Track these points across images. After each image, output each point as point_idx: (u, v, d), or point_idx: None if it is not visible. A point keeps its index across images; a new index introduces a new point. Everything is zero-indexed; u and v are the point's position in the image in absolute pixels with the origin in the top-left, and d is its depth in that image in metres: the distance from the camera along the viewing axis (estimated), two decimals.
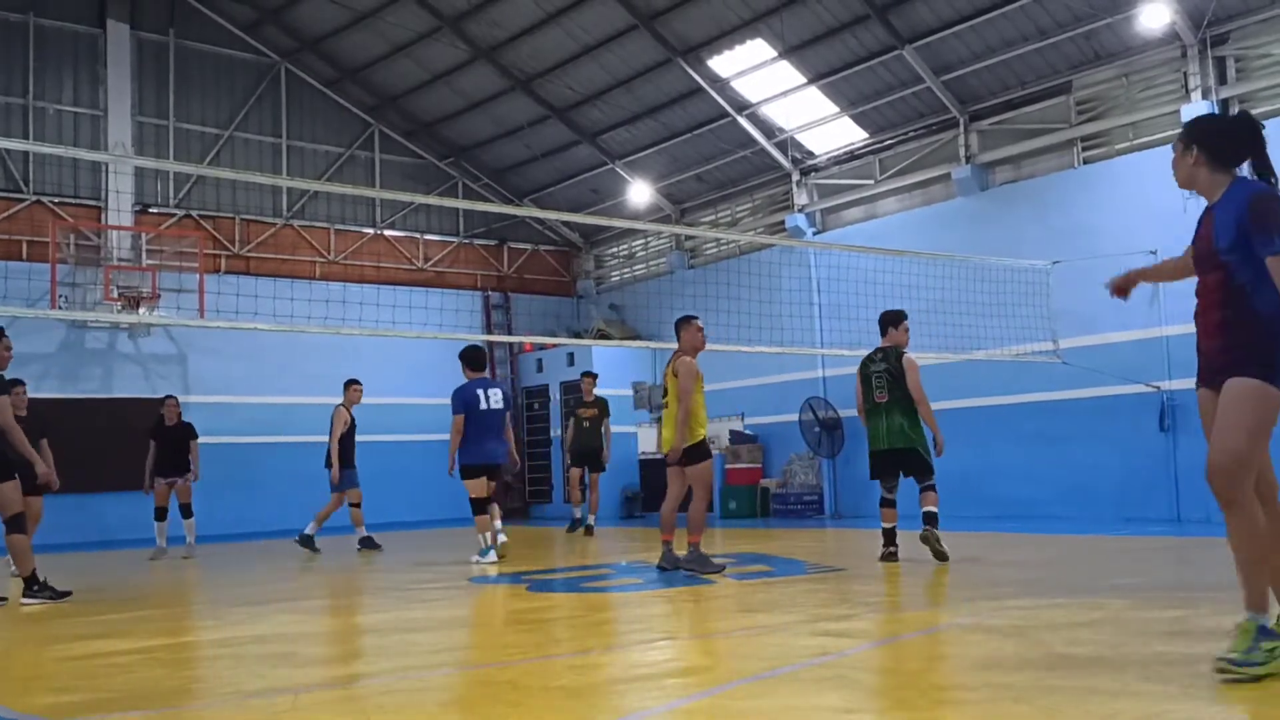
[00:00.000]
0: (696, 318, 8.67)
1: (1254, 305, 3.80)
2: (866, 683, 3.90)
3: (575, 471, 13.97)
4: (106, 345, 17.52)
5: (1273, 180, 3.93)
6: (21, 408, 10.69)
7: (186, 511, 12.47)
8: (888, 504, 8.69)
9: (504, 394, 10.22)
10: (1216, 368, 3.90)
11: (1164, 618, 5.30)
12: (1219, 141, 4.00)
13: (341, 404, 12.54)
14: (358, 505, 12.50)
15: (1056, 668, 4.03)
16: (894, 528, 8.62)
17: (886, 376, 8.70)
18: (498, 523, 10.13)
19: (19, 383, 10.42)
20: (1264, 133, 4.00)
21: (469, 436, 9.80)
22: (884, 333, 8.97)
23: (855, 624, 5.64)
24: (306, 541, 12.17)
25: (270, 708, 3.77)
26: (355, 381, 12.70)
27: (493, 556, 9.74)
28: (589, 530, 13.59)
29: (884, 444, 8.66)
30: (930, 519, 8.39)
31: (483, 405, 9.85)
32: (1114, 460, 13.13)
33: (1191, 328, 4.10)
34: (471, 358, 10.17)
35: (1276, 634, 3.69)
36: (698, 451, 8.37)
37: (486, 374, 10.40)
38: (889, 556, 8.52)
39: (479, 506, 9.82)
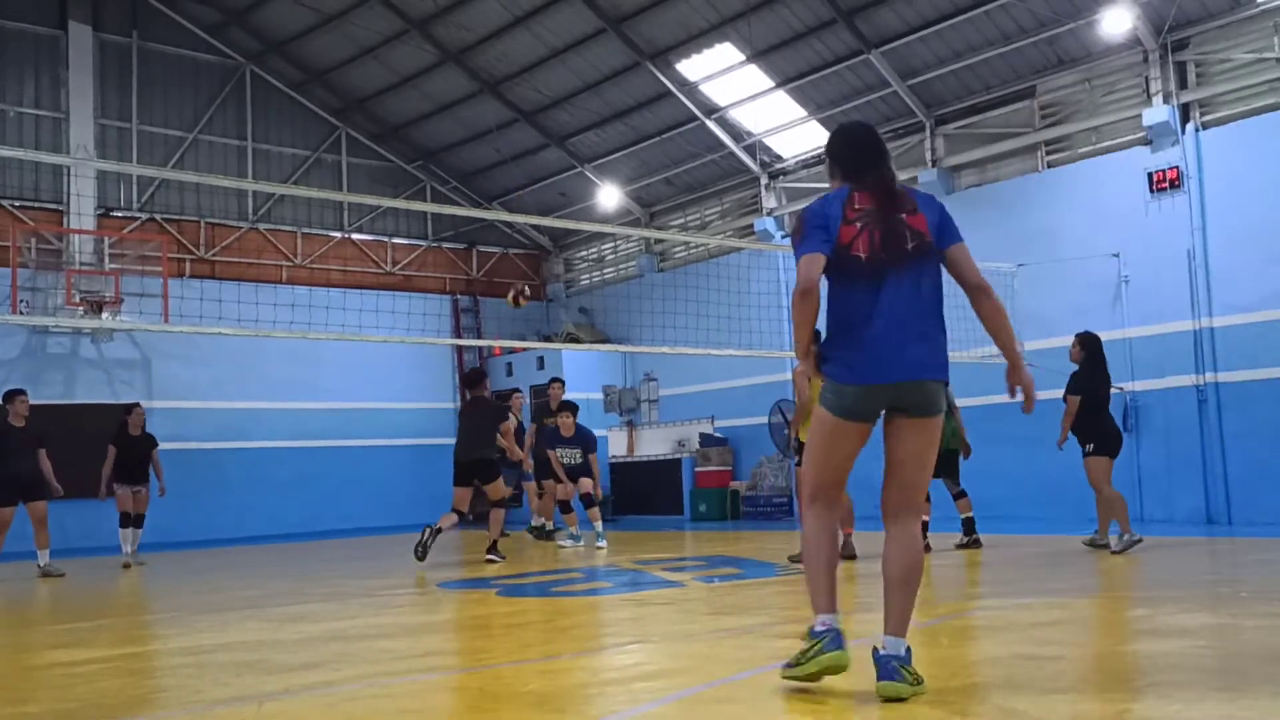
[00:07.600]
0: None
1: None
2: (833, 685, 3.91)
3: (548, 483, 13.41)
4: (69, 350, 17.29)
5: None
6: (22, 418, 10.71)
7: (140, 521, 12.28)
8: (961, 495, 9.77)
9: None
10: None
11: (1128, 616, 5.36)
12: None
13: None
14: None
15: (1021, 668, 4.06)
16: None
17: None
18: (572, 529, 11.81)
19: (20, 392, 10.74)
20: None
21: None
22: None
23: None
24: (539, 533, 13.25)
25: (235, 717, 3.73)
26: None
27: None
28: (546, 534, 13.28)
29: (946, 444, 9.39)
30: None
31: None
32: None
33: (1155, 329, 4.15)
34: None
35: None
36: None
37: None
38: (975, 543, 9.55)
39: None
